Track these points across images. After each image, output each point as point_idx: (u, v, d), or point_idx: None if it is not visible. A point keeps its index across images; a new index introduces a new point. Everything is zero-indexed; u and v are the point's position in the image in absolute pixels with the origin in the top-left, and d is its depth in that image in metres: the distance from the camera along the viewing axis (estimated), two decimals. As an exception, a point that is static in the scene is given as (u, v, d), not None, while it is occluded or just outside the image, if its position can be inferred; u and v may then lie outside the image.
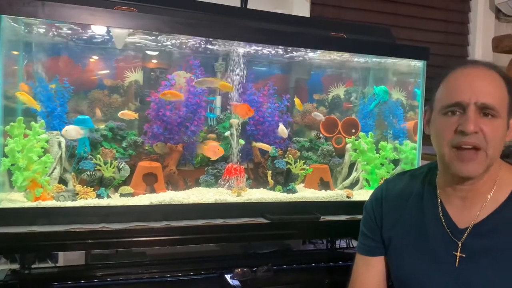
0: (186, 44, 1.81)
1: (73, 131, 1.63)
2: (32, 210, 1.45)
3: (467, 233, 1.10)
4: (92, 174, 1.63)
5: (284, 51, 1.94)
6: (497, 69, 1.09)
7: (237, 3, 2.15)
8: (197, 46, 1.82)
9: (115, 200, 1.59)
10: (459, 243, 1.10)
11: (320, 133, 2.12)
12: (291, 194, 1.81)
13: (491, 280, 1.06)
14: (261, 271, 1.65)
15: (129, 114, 1.79)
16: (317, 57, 2.06)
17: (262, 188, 1.87)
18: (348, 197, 1.85)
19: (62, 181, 1.68)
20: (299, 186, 1.95)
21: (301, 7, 2.66)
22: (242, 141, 1.86)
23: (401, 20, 2.95)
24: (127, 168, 1.72)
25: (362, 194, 1.94)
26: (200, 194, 1.70)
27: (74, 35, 1.70)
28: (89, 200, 1.54)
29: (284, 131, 1.91)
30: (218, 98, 2.00)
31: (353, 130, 2.12)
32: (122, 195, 1.62)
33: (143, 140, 1.82)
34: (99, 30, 1.65)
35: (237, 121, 1.84)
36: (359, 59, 2.10)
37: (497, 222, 1.08)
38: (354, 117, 2.18)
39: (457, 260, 1.09)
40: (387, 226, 1.24)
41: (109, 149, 1.72)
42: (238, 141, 1.84)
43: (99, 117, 1.85)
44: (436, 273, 1.12)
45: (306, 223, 1.69)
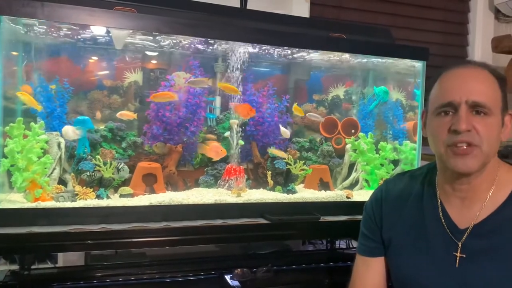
0: (186, 45, 1.81)
1: (70, 132, 1.63)
2: (32, 210, 1.44)
3: (467, 234, 1.10)
4: (92, 174, 1.63)
5: (284, 52, 1.94)
6: (488, 68, 1.09)
7: (236, 3, 2.15)
8: (197, 46, 1.82)
9: (114, 200, 1.59)
10: (459, 244, 1.10)
11: (323, 139, 2.12)
12: (290, 194, 1.81)
13: (491, 281, 1.05)
14: (261, 271, 1.65)
15: (127, 115, 1.79)
16: (316, 57, 2.06)
17: (261, 189, 1.87)
18: (347, 197, 1.85)
19: (62, 181, 1.68)
20: (299, 187, 1.95)
21: (301, 8, 2.66)
22: (241, 142, 1.86)
23: (400, 20, 2.95)
24: (126, 169, 1.71)
25: (362, 195, 1.94)
26: (199, 194, 1.70)
27: (73, 35, 1.70)
28: (89, 200, 1.53)
29: (286, 133, 1.91)
30: (218, 99, 2.00)
31: (353, 131, 2.12)
32: (121, 195, 1.62)
33: (142, 140, 1.82)
34: (98, 30, 1.65)
35: (237, 121, 1.84)
36: (359, 59, 2.09)
37: (497, 223, 1.08)
38: (353, 118, 2.18)
39: (457, 261, 1.09)
40: (387, 227, 1.24)
41: (109, 150, 1.72)
42: (238, 141, 1.84)
43: (98, 118, 1.85)
44: (436, 273, 1.12)
45: (306, 223, 1.69)
